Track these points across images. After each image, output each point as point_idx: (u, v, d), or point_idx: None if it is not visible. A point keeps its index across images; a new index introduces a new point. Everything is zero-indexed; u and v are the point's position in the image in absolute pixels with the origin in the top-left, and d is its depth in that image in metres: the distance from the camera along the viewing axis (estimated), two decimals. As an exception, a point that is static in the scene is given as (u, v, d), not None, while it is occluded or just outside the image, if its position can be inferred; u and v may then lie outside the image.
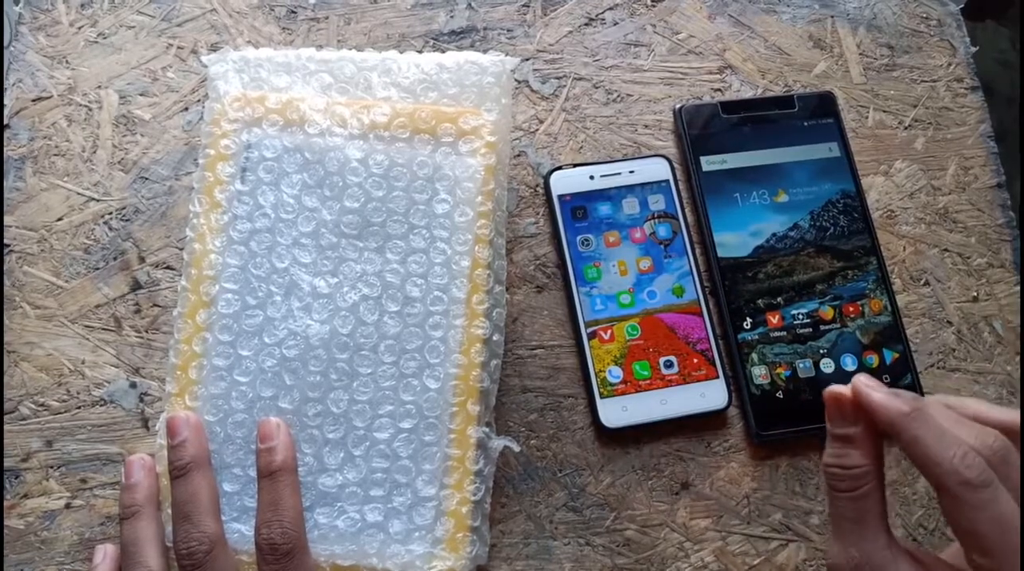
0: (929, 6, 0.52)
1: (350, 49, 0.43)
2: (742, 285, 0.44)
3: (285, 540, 0.33)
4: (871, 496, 0.28)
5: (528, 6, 0.49)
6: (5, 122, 0.45)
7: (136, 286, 0.43)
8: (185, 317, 0.37)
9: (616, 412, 0.41)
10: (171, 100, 0.46)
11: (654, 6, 0.50)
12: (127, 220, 0.44)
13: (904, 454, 0.29)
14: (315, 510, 0.36)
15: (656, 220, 0.45)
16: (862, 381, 0.28)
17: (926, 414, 0.27)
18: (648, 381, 0.42)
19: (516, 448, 0.38)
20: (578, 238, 0.44)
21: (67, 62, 0.46)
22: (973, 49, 0.51)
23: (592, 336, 0.42)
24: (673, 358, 0.42)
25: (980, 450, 0.26)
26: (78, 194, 0.44)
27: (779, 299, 0.44)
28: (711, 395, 0.42)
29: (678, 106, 0.47)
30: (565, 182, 0.45)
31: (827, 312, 0.44)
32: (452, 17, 0.48)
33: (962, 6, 0.52)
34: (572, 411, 0.42)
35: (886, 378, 0.43)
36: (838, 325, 0.44)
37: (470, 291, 0.37)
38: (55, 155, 0.44)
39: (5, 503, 0.40)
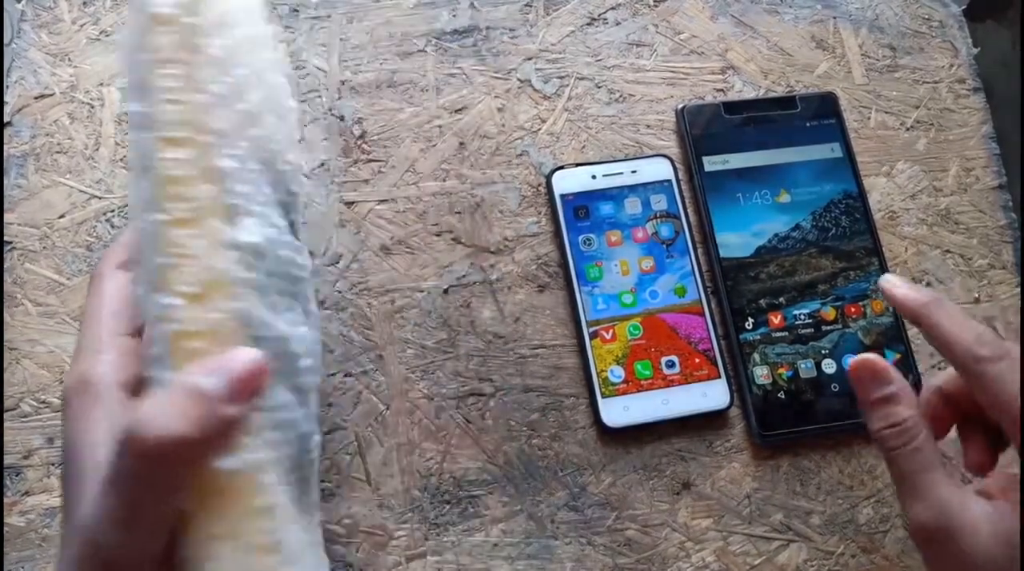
0: (931, 7, 0.52)
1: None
2: (744, 285, 0.44)
3: None
4: (927, 443, 0.29)
5: (530, 6, 0.49)
6: (7, 119, 0.45)
7: (138, 284, 0.43)
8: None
9: (618, 412, 0.41)
10: (173, 98, 0.46)
11: (656, 6, 0.50)
12: (129, 218, 0.44)
13: (926, 339, 0.31)
14: None
15: (658, 220, 0.45)
16: (888, 279, 0.32)
17: (943, 303, 0.30)
18: (650, 381, 0.42)
19: None
20: (580, 237, 0.44)
21: (69, 59, 0.46)
22: (975, 50, 0.51)
23: (594, 335, 0.42)
24: (675, 358, 0.42)
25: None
26: (80, 191, 0.44)
27: (781, 299, 0.44)
28: (713, 395, 0.42)
29: (680, 106, 0.47)
30: (567, 181, 0.45)
31: (829, 312, 0.44)
32: (455, 16, 0.48)
33: (964, 7, 0.52)
34: (574, 410, 0.42)
35: (888, 378, 0.43)
36: (840, 326, 0.44)
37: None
38: (57, 152, 0.44)
39: (6, 500, 0.39)
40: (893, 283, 0.31)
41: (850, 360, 0.31)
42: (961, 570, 0.27)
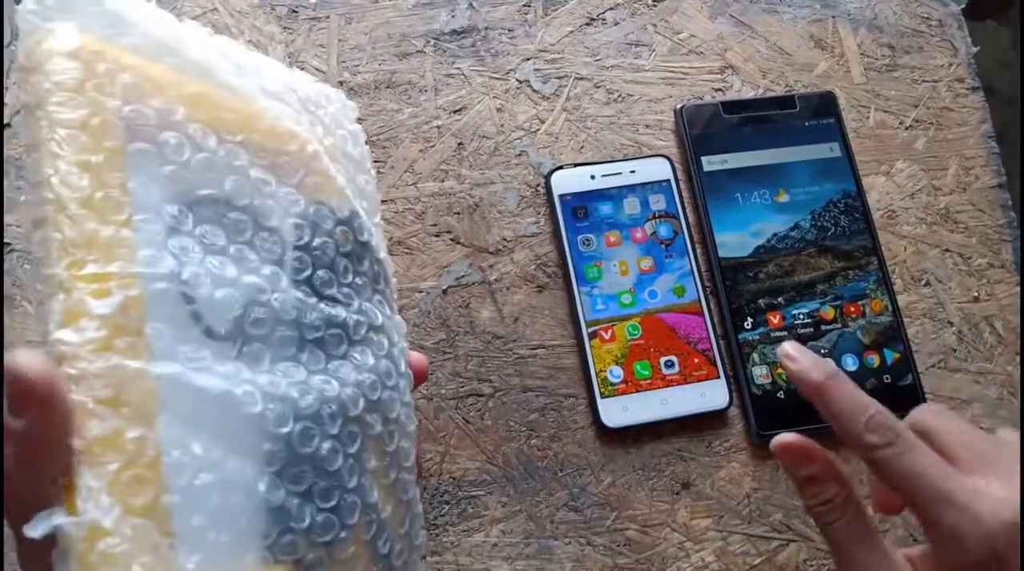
0: (930, 6, 0.52)
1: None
2: (743, 285, 0.44)
3: None
4: (859, 514, 0.29)
5: (529, 6, 0.49)
6: (7, 121, 0.45)
7: (137, 285, 0.43)
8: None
9: (617, 412, 0.41)
10: (172, 99, 0.46)
11: (655, 6, 0.50)
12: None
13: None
14: None
15: (657, 220, 0.45)
16: (786, 351, 0.29)
17: (838, 381, 0.28)
18: (649, 381, 0.42)
19: None
20: (579, 238, 0.44)
21: (68, 61, 0.46)
22: (974, 49, 0.51)
23: (593, 336, 0.42)
24: (674, 358, 0.42)
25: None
26: (79, 193, 0.44)
27: (780, 299, 0.44)
28: (712, 395, 0.42)
29: (679, 106, 0.47)
30: (566, 182, 0.45)
31: (828, 312, 0.44)
32: (453, 17, 0.48)
33: (963, 6, 0.52)
34: (573, 411, 0.42)
35: (887, 378, 0.43)
36: (839, 325, 0.44)
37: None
38: (56, 154, 0.44)
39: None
40: (790, 355, 0.29)
41: (772, 440, 0.30)
42: None
